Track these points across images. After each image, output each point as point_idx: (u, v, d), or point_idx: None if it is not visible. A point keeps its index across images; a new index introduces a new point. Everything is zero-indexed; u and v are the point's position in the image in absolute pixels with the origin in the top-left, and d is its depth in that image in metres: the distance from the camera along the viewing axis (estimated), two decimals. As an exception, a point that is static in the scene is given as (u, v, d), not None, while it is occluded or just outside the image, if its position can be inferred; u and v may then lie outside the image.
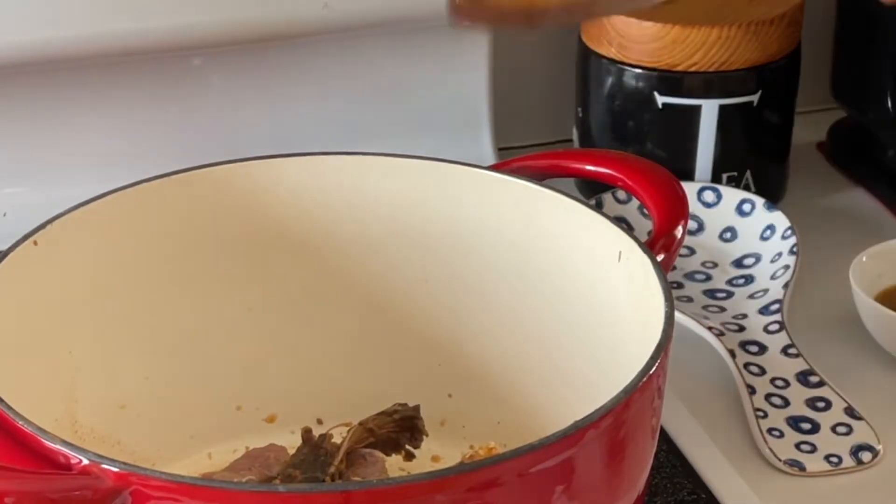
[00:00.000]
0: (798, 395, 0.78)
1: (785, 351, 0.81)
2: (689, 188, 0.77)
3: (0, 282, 0.61)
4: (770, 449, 0.74)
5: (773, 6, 0.92)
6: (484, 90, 0.99)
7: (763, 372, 0.79)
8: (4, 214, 0.91)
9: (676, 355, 0.63)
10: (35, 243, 0.63)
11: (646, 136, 0.93)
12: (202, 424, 0.72)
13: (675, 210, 0.67)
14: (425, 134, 0.97)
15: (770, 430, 0.75)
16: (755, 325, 0.83)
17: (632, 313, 0.63)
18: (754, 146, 0.95)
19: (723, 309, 0.86)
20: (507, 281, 0.70)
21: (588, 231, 0.66)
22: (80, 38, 0.86)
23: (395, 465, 0.68)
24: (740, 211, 0.91)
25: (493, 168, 0.71)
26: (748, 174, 0.94)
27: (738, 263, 0.89)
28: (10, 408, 0.52)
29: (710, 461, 0.74)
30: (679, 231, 0.66)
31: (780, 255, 0.88)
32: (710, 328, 0.82)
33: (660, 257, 0.63)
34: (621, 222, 0.66)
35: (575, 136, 0.99)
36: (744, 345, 0.81)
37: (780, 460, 0.74)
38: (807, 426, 0.76)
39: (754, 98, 0.92)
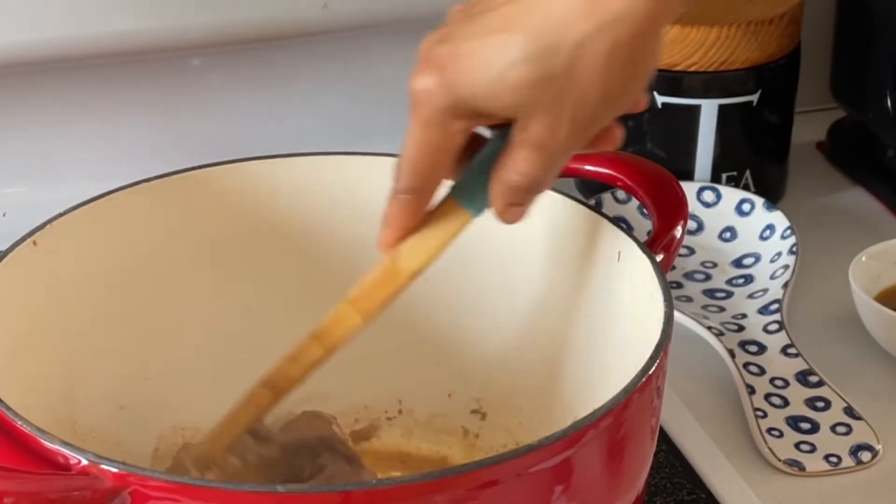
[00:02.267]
0: (797, 394, 0.78)
1: (784, 351, 0.81)
2: (689, 188, 0.77)
3: (0, 282, 0.61)
4: (769, 449, 0.74)
5: (772, 6, 0.92)
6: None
7: (762, 372, 0.79)
8: (4, 214, 0.91)
9: (676, 355, 0.63)
10: (35, 243, 0.63)
11: (645, 135, 0.93)
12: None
13: (675, 210, 0.67)
14: (425, 134, 0.97)
15: (769, 430, 0.75)
16: (754, 325, 0.83)
17: (631, 313, 0.63)
18: (754, 146, 0.95)
19: (722, 309, 0.86)
20: (507, 281, 0.70)
21: (587, 231, 0.66)
22: (81, 38, 0.86)
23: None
24: (740, 211, 0.91)
25: None
26: (748, 174, 0.94)
27: (738, 263, 0.89)
28: (9, 408, 0.52)
29: (709, 461, 0.74)
30: (678, 231, 0.66)
31: (779, 254, 0.88)
32: (709, 328, 0.82)
33: (659, 257, 0.63)
34: (620, 222, 0.66)
35: (575, 135, 0.99)
36: (743, 344, 0.81)
37: (779, 460, 0.74)
38: (806, 426, 0.76)
39: (754, 98, 0.92)
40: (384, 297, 0.60)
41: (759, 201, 0.91)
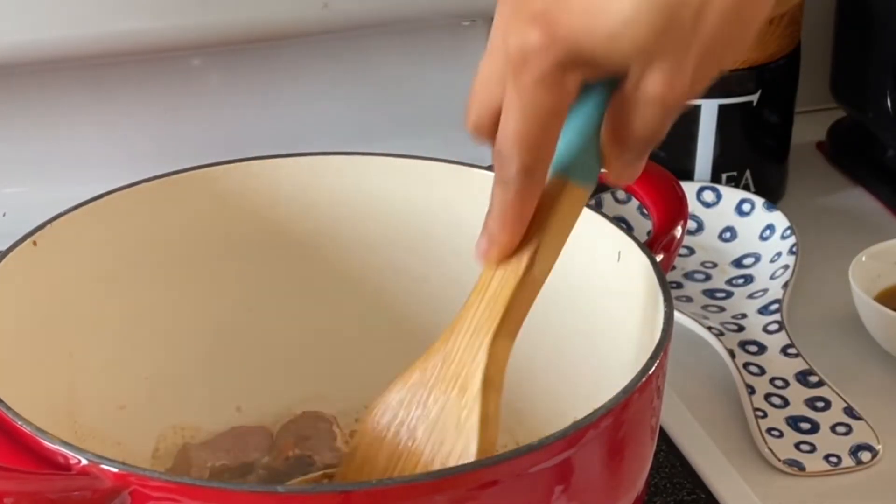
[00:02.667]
0: (797, 394, 0.78)
1: (784, 351, 0.81)
2: (689, 188, 0.77)
3: (0, 282, 0.61)
4: (769, 449, 0.74)
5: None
6: (484, 90, 0.98)
7: (762, 372, 0.79)
8: (4, 214, 0.91)
9: (676, 355, 0.63)
10: (34, 243, 0.63)
11: (645, 135, 0.93)
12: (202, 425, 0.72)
13: (675, 210, 0.67)
14: (425, 134, 0.97)
15: (769, 430, 0.75)
16: (754, 325, 0.83)
17: (631, 313, 0.63)
18: (754, 146, 0.95)
19: (722, 309, 0.86)
20: (507, 281, 0.70)
21: (588, 231, 0.66)
22: (80, 38, 0.86)
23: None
24: (740, 211, 0.91)
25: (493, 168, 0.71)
26: (748, 174, 0.94)
27: (738, 263, 0.89)
28: (9, 408, 0.52)
29: (709, 461, 0.74)
30: (678, 231, 0.66)
31: (779, 254, 0.88)
32: (709, 328, 0.82)
33: (659, 257, 0.63)
34: (621, 222, 0.66)
35: (575, 135, 0.99)
36: (743, 345, 0.81)
37: (779, 460, 0.74)
38: (806, 426, 0.76)
39: (754, 98, 0.92)
40: (526, 313, 0.55)
41: (759, 201, 0.91)
